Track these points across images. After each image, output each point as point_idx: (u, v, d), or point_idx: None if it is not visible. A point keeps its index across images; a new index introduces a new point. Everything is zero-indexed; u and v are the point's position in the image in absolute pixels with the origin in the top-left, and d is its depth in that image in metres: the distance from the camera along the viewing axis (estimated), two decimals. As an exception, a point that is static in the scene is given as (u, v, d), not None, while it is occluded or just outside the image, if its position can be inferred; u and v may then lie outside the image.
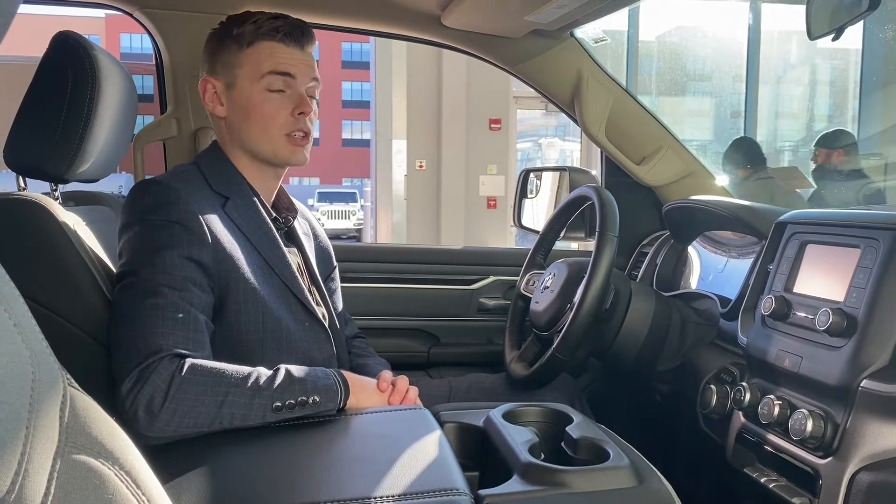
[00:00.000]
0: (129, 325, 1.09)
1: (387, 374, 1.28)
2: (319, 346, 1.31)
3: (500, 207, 7.71)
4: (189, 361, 1.06)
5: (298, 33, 1.30)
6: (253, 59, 1.28)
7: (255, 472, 0.96)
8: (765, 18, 8.14)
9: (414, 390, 1.27)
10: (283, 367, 1.12)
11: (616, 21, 8.35)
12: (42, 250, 1.15)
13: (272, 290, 1.25)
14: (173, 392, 1.03)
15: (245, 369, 1.09)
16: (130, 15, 1.76)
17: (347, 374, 1.19)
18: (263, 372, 1.10)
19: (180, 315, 1.10)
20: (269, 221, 1.31)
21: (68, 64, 1.19)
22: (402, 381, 1.27)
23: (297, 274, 1.32)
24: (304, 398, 1.09)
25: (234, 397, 1.05)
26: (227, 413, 1.05)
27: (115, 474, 0.48)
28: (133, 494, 0.49)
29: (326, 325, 1.35)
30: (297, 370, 1.12)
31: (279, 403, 1.07)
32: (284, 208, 1.40)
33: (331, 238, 1.61)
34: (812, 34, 1.22)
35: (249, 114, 1.29)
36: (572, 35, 1.87)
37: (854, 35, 7.85)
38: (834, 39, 1.16)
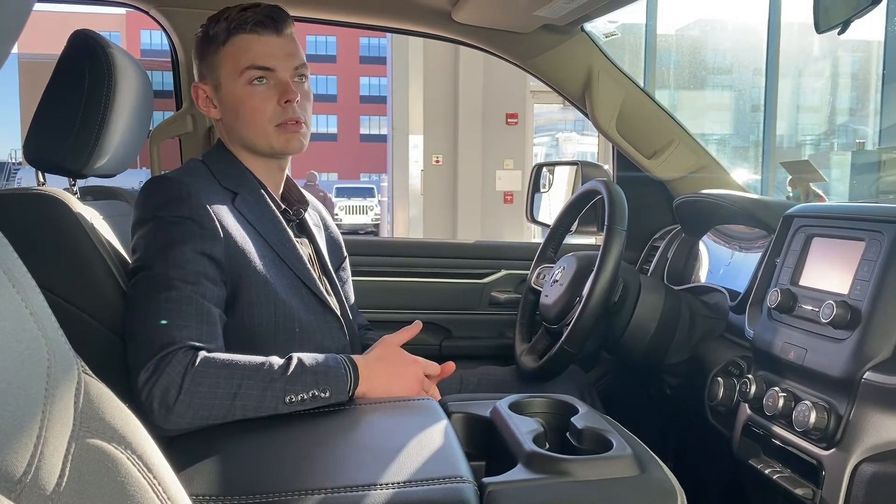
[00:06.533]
0: (144, 318, 1.11)
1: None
2: (332, 337, 1.32)
3: (516, 202, 7.69)
4: (202, 354, 1.08)
5: (270, 21, 1.28)
6: (230, 56, 1.27)
7: (264, 459, 0.98)
8: (785, 10, 8.05)
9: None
10: (295, 357, 1.13)
11: (634, 14, 8.29)
12: (60, 243, 1.17)
13: (284, 281, 1.27)
14: (187, 385, 1.04)
15: (257, 359, 1.11)
16: (147, 13, 1.79)
17: (358, 360, 1.19)
18: (275, 362, 1.12)
19: (193, 308, 1.12)
20: (279, 214, 1.33)
21: (85, 61, 1.21)
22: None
23: (309, 265, 1.34)
24: (315, 392, 1.11)
25: (246, 390, 1.07)
26: (239, 405, 1.07)
27: (128, 458, 0.49)
28: (144, 478, 0.50)
29: (338, 314, 1.37)
30: (309, 359, 1.14)
31: (291, 397, 1.09)
32: (296, 201, 1.42)
33: (349, 234, 1.63)
34: (819, 28, 1.22)
35: (238, 111, 1.29)
36: (583, 30, 1.88)
37: (876, 27, 7.75)
38: (840, 33, 1.16)
